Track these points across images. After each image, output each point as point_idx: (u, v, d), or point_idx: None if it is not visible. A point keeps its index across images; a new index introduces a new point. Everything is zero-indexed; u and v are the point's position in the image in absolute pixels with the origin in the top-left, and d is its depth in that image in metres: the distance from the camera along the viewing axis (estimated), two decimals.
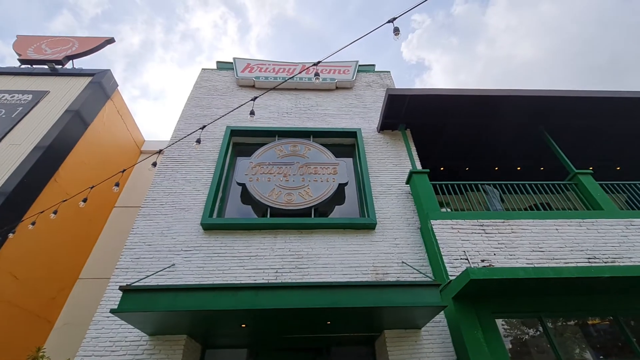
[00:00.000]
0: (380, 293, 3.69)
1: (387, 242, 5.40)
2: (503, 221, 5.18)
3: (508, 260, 4.69)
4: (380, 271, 5.02)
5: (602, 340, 4.69)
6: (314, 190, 5.89)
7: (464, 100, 6.75)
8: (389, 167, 6.62)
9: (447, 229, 5.05)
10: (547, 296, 4.37)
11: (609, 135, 7.68)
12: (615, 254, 4.81)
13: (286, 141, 6.79)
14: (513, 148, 8.08)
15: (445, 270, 4.60)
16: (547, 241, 4.95)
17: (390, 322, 4.27)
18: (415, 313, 3.94)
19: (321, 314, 3.80)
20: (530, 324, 4.50)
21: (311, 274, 4.94)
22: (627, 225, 5.21)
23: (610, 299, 4.41)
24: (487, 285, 4.04)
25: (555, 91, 6.53)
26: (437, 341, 4.40)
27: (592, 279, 3.96)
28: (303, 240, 5.32)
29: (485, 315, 4.24)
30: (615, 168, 8.74)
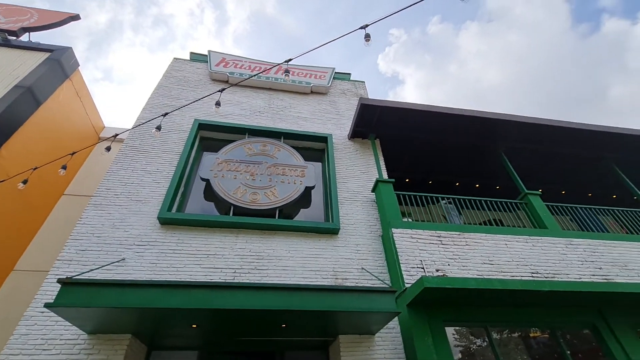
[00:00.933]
0: (337, 297, 3.70)
1: (349, 248, 5.45)
2: (459, 234, 5.42)
3: (460, 271, 4.91)
4: (340, 276, 5.05)
5: (541, 352, 5.02)
6: (281, 191, 5.84)
7: (431, 117, 7.05)
8: (357, 174, 6.73)
9: (407, 238, 5.20)
10: (494, 307, 4.62)
11: (556, 161, 8.36)
12: (555, 270, 5.20)
13: (256, 140, 6.69)
14: (473, 166, 8.54)
15: (402, 277, 4.72)
16: (497, 255, 5.25)
17: (346, 327, 4.29)
18: (370, 318, 3.99)
19: (277, 316, 3.74)
20: (477, 334, 4.72)
21: (271, 275, 4.86)
22: (567, 244, 5.67)
23: (548, 312, 4.75)
24: (440, 294, 4.19)
25: (511, 115, 7.01)
26: (390, 347, 4.49)
27: (533, 292, 4.24)
28: (265, 241, 5.23)
29: (436, 323, 4.39)
30: (561, 192, 9.51)
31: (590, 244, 5.75)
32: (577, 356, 5.00)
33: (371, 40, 2.84)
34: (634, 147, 7.94)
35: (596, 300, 4.64)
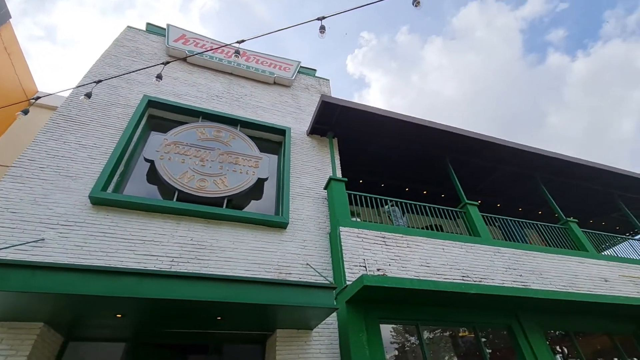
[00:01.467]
0: (276, 291, 3.66)
1: (296, 243, 5.43)
2: (402, 236, 5.67)
3: (400, 271, 5.13)
4: (284, 271, 5.01)
5: (465, 350, 5.44)
6: (232, 180, 5.64)
7: (389, 122, 7.27)
8: (311, 170, 6.73)
9: (353, 236, 5.32)
10: (425, 306, 4.90)
11: (495, 175, 9.10)
12: (482, 275, 5.65)
13: (210, 125, 6.39)
14: (423, 173, 8.99)
15: (345, 275, 4.81)
16: (434, 258, 5.57)
17: (284, 321, 4.27)
18: (309, 313, 4.01)
19: (212, 308, 3.60)
20: (411, 331, 4.97)
21: (212, 266, 4.68)
22: (495, 252, 6.19)
23: (473, 313, 5.14)
24: (378, 292, 4.34)
25: (459, 129, 7.48)
26: (326, 342, 4.55)
27: (461, 294, 4.56)
28: (209, 231, 5.02)
29: (372, 320, 4.54)
30: (497, 204, 10.38)
31: (515, 253, 6.34)
32: (495, 354, 5.50)
33: (325, 32, 2.84)
34: (559, 170, 8.90)
35: (513, 303, 5.12)
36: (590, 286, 6.37)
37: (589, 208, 10.73)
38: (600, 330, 6.05)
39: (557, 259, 6.66)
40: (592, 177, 9.24)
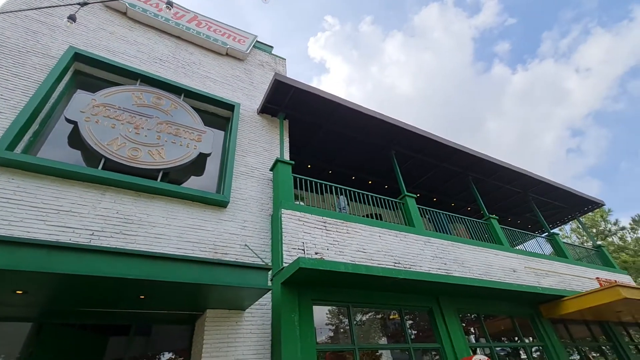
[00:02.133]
0: (207, 270, 3.52)
1: (235, 222, 5.28)
2: (343, 222, 5.81)
3: (337, 256, 5.27)
4: (220, 250, 4.86)
5: (391, 330, 5.82)
6: (169, 152, 5.25)
7: (340, 110, 7.31)
8: (259, 150, 6.54)
9: (295, 220, 5.32)
10: (357, 289, 5.12)
11: (434, 171, 9.72)
12: (412, 262, 6.06)
13: (150, 90, 5.83)
14: (369, 163, 9.28)
15: (282, 257, 4.81)
16: (370, 244, 5.81)
17: (215, 301, 4.16)
18: (241, 294, 3.94)
19: (134, 286, 3.35)
20: (343, 313, 5.17)
21: (140, 242, 4.35)
22: (426, 241, 6.67)
23: (399, 296, 5.51)
24: (313, 275, 4.41)
25: (404, 124, 7.81)
26: (258, 323, 4.55)
27: (391, 278, 4.84)
28: (139, 205, 4.64)
29: (305, 301, 4.62)
30: (433, 199, 11.16)
31: (442, 244, 6.89)
32: (418, 334, 5.98)
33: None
34: (489, 171, 9.81)
35: (436, 288, 5.58)
36: (501, 275, 7.20)
37: (509, 207, 12.05)
38: (505, 313, 6.91)
39: (477, 250, 7.39)
40: (514, 180, 10.35)
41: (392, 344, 5.57)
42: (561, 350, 6.82)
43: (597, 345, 8.17)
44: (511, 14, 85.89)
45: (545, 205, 11.87)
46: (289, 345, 4.10)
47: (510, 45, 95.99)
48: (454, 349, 5.39)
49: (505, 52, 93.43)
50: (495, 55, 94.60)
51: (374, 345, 5.30)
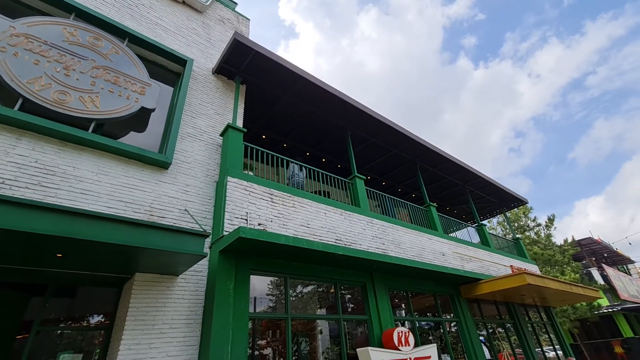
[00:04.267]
0: (138, 232, 3.32)
1: (177, 186, 5.01)
2: (290, 196, 5.81)
3: (280, 228, 5.29)
4: (157, 214, 4.60)
5: (327, 302, 6.08)
6: (105, 101, 4.73)
7: (302, 83, 7.11)
8: (210, 113, 6.18)
9: (241, 189, 5.19)
10: (297, 262, 5.23)
11: (387, 156, 10.06)
12: (353, 240, 6.31)
13: (87, 28, 5.12)
14: (325, 142, 9.29)
15: (223, 225, 4.70)
16: (315, 220, 5.92)
17: (147, 265, 3.97)
18: (175, 259, 3.81)
19: (51, 243, 3.05)
20: (282, 284, 5.25)
21: (62, 197, 3.94)
22: (369, 222, 6.96)
23: (336, 271, 5.74)
24: (253, 245, 4.39)
25: (360, 104, 7.86)
26: (191, 289, 4.46)
27: (330, 254, 5.00)
28: (64, 156, 4.17)
29: (242, 270, 4.62)
30: (382, 183, 11.62)
31: (384, 225, 7.25)
32: (353, 308, 6.34)
33: None
34: (435, 162, 10.39)
35: (371, 266, 5.91)
36: (432, 257, 7.83)
37: (448, 197, 13.00)
38: (430, 292, 7.58)
39: (414, 234, 7.91)
40: (456, 172, 11.11)
41: (325, 314, 5.85)
42: (472, 325, 7.72)
43: (502, 323, 9.39)
44: (482, 9, 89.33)
45: (480, 198, 13.00)
46: (221, 311, 4.10)
47: (476, 40, 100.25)
48: (381, 321, 5.83)
49: (471, 47, 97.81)
50: (461, 47, 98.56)
51: (305, 315, 5.52)
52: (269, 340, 6.26)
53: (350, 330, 6.45)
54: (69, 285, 4.42)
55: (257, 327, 6.12)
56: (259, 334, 6.19)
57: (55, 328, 4.18)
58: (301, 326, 6.74)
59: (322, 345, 6.69)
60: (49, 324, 4.06)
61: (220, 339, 3.94)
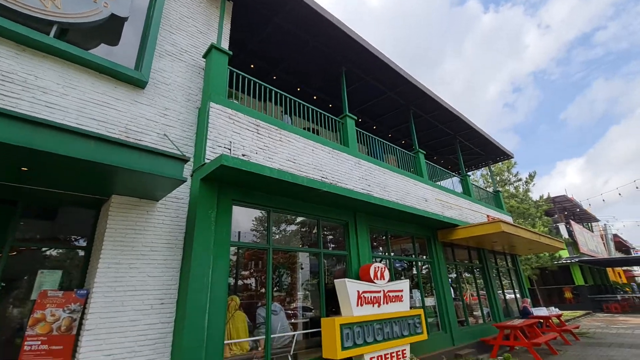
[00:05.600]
0: (111, 150, 3.09)
1: (155, 108, 4.65)
2: (277, 129, 5.55)
3: (265, 161, 5.13)
4: (133, 136, 4.32)
5: (308, 237, 6.21)
6: (68, 2, 4.10)
7: (295, 4, 6.38)
8: (192, 31, 5.56)
9: (224, 117, 4.89)
10: (281, 196, 5.18)
11: (380, 99, 9.65)
12: (339, 179, 6.26)
13: None
14: (318, 77, 8.74)
15: (205, 153, 4.50)
16: (301, 156, 5.76)
17: (123, 187, 3.82)
18: (152, 183, 3.65)
19: (11, 154, 2.80)
20: (262, 219, 5.25)
21: (24, 108, 3.58)
22: (356, 163, 6.87)
23: (320, 208, 5.77)
24: (236, 175, 4.25)
25: (358, 36, 7.23)
26: (172, 215, 4.40)
27: (316, 190, 4.95)
28: (23, 62, 3.71)
29: (225, 200, 4.54)
30: (373, 127, 11.35)
31: (371, 167, 7.20)
32: (333, 246, 6.53)
33: None
34: (429, 109, 10.09)
35: (355, 205, 5.95)
36: (414, 202, 7.99)
37: (437, 147, 12.96)
38: (409, 234, 7.87)
39: (400, 178, 7.94)
40: (448, 121, 10.91)
41: (305, 247, 6.01)
42: (444, 267, 8.22)
43: (471, 266, 10.06)
44: None
45: (468, 150, 13.02)
46: (202, 237, 4.10)
47: None
48: (359, 257, 6.06)
49: None
50: None
51: (287, 247, 5.65)
52: (252, 271, 6.51)
53: (329, 268, 6.74)
54: (45, 205, 4.28)
55: (240, 258, 6.31)
56: (242, 265, 6.41)
57: (32, 244, 4.13)
58: (283, 259, 6.99)
59: (302, 278, 7.04)
60: (27, 242, 3.99)
61: (201, 264, 3.99)
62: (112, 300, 3.64)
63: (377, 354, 5.03)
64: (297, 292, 6.47)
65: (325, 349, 4.66)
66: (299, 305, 6.46)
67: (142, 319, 3.78)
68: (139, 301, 3.81)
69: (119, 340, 3.57)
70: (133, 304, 3.77)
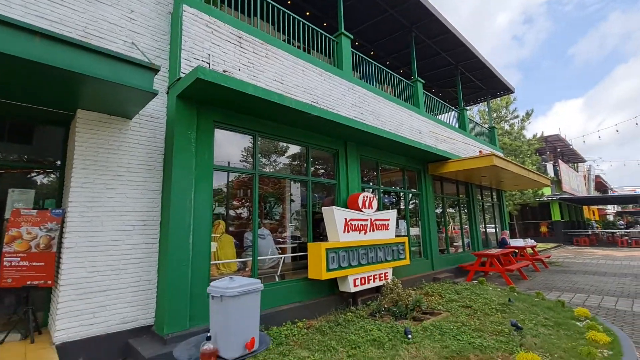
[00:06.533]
0: (65, 51, 2.64)
1: (118, 10, 3.99)
2: (263, 43, 4.95)
3: (250, 80, 4.66)
4: (94, 41, 3.75)
5: (295, 165, 6.01)
6: None
7: None
8: None
9: (201, 24, 4.26)
10: (267, 120, 4.83)
11: (380, 19, 8.67)
12: (331, 105, 5.86)
13: None
14: None
15: (180, 66, 4.00)
16: (290, 77, 5.26)
17: (88, 100, 3.43)
18: (119, 94, 3.26)
19: None
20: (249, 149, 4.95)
21: None
22: (350, 88, 6.39)
23: (310, 135, 5.48)
24: (215, 92, 3.84)
25: None
26: (149, 135, 4.08)
27: (305, 114, 4.60)
28: None
29: (205, 120, 4.19)
30: (370, 52, 10.46)
31: (366, 94, 6.74)
32: (323, 176, 6.39)
33: None
34: (432, 33, 9.19)
35: (346, 133, 5.67)
36: (408, 134, 7.72)
37: (437, 78, 12.23)
38: (400, 166, 7.76)
39: (395, 107, 7.54)
40: (452, 48, 10.07)
41: (293, 175, 5.88)
42: (431, 199, 8.33)
43: (457, 199, 10.27)
44: None
45: (468, 82, 12.36)
46: (182, 159, 3.85)
47: None
48: (348, 187, 5.99)
49: None
50: None
51: (273, 173, 5.49)
52: (242, 200, 6.46)
53: (318, 202, 6.72)
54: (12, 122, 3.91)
55: (230, 189, 6.19)
56: (232, 196, 6.32)
57: (3, 164, 3.87)
58: (273, 189, 6.91)
59: (293, 209, 7.07)
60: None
61: (182, 186, 3.81)
62: (91, 220, 3.52)
63: (361, 275, 5.26)
64: (287, 222, 6.55)
65: (310, 271, 4.82)
66: (289, 234, 6.60)
67: (125, 239, 3.72)
68: (119, 222, 3.71)
69: (102, 258, 3.54)
70: (114, 225, 3.67)
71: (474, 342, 3.58)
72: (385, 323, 4.27)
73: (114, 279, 3.59)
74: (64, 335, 3.24)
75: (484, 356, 3.25)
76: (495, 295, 5.72)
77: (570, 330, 3.98)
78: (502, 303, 5.10)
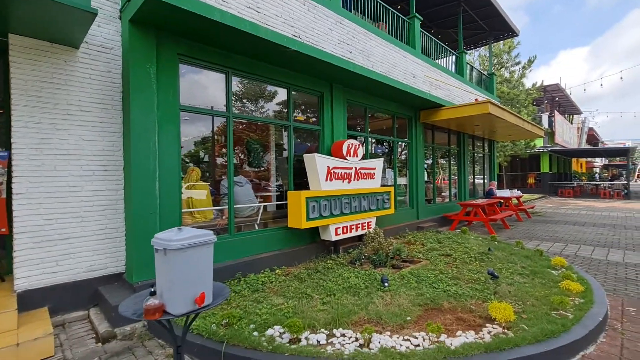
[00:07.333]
0: None
1: None
2: None
3: (219, 5, 4.02)
4: None
5: (275, 108, 5.56)
6: None
7: None
8: None
9: None
10: (241, 55, 4.30)
11: None
12: (315, 40, 5.24)
13: None
14: None
15: None
16: (267, 4, 4.57)
17: (19, 22, 2.88)
18: (53, 14, 2.72)
19: None
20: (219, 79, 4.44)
21: None
22: (338, 22, 5.70)
23: (291, 74, 4.98)
24: (174, 17, 3.29)
25: None
26: (102, 69, 3.58)
27: (282, 47, 4.07)
28: None
29: (168, 54, 3.67)
30: None
31: (355, 30, 6.05)
32: (308, 118, 5.96)
33: None
34: None
35: (331, 74, 5.16)
36: (401, 77, 7.17)
37: (436, 17, 11.19)
38: (390, 113, 7.34)
39: (389, 47, 6.89)
40: None
41: (272, 119, 5.47)
42: (421, 148, 8.06)
43: (448, 149, 10.03)
44: None
45: (471, 23, 11.38)
46: (140, 96, 3.42)
47: None
48: (333, 133, 5.64)
49: None
50: None
51: (248, 116, 5.07)
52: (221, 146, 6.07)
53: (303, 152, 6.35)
54: None
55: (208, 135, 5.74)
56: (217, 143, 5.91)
57: None
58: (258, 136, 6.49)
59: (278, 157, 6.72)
60: None
61: (143, 127, 3.43)
62: (41, 164, 3.19)
63: (343, 224, 5.17)
64: (271, 170, 6.26)
65: (290, 220, 4.69)
66: (273, 182, 6.36)
67: (84, 184, 3.43)
68: (76, 166, 3.38)
69: (60, 205, 3.28)
70: (70, 169, 3.35)
71: (449, 290, 3.58)
72: (364, 271, 4.25)
73: (76, 227, 3.37)
74: (25, 283, 3.10)
75: (458, 303, 3.25)
76: (476, 244, 5.76)
77: (546, 279, 4.01)
78: (481, 252, 5.13)
